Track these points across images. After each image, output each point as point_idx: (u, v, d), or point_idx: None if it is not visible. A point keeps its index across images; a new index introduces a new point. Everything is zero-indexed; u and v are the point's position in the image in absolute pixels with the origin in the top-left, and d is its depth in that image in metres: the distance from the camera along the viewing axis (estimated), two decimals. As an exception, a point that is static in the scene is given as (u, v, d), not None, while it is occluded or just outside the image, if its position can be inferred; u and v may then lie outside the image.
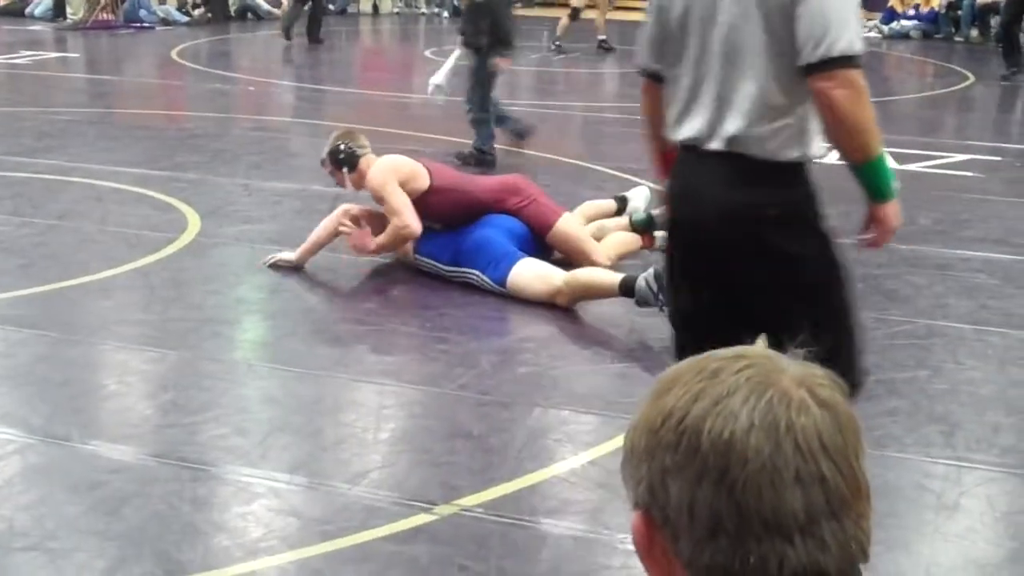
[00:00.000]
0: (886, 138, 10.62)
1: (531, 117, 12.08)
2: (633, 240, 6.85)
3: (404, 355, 5.62)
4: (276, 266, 6.55)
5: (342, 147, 6.61)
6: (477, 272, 6.33)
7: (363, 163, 6.59)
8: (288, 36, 17.41)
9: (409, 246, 6.57)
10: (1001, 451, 4.56)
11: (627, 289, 5.84)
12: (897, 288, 6.45)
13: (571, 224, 6.66)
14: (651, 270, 5.76)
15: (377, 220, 6.55)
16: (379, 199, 6.51)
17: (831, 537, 1.07)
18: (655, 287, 5.69)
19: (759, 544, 1.06)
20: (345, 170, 6.59)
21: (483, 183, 6.79)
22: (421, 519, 3.96)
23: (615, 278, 5.96)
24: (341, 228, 6.53)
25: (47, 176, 8.54)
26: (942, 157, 9.89)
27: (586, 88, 14.92)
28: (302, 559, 3.74)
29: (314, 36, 17.42)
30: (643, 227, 6.94)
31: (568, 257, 6.52)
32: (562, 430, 4.77)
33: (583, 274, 6.10)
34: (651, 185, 7.82)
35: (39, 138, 10.01)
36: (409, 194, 6.46)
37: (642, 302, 5.74)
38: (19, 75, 14.24)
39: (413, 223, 6.39)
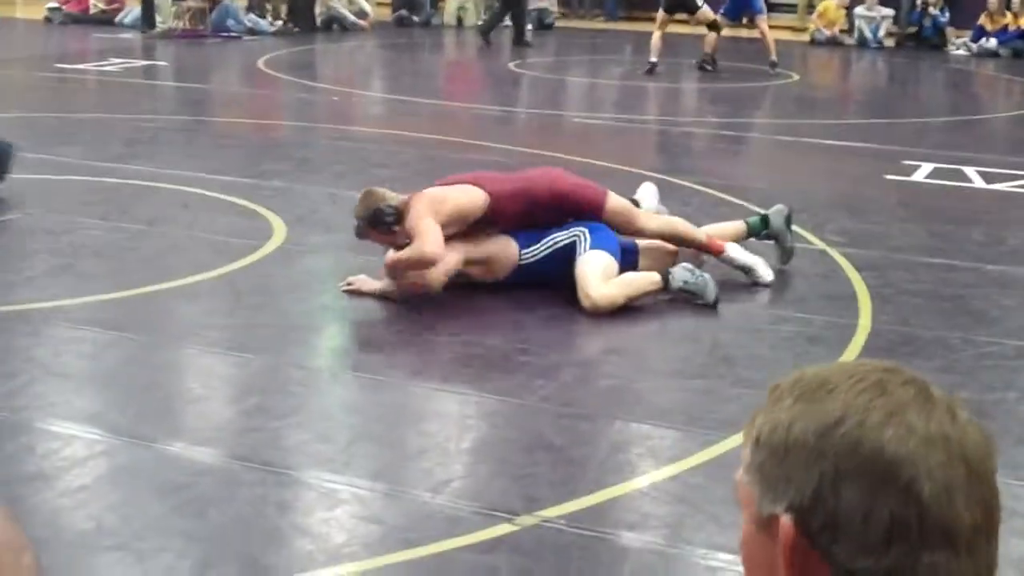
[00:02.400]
0: (975, 157, 10.53)
1: (608, 130, 12.08)
2: (687, 235, 6.73)
3: (486, 366, 5.63)
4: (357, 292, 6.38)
5: (385, 208, 6.26)
6: (584, 230, 6.36)
7: (404, 211, 6.33)
8: (488, 41, 18.52)
9: (508, 257, 6.46)
10: (1092, 476, 4.48)
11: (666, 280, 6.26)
12: (986, 309, 6.36)
13: (618, 197, 6.64)
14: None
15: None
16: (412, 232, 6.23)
17: (983, 557, 1.10)
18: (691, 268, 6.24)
19: (932, 554, 1.08)
20: (396, 228, 6.28)
21: (529, 176, 6.59)
22: (502, 529, 3.97)
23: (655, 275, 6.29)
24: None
25: (136, 182, 8.66)
26: (1032, 177, 9.75)
27: (666, 102, 14.88)
28: (384, 566, 3.75)
29: (518, 40, 18.75)
30: (757, 231, 6.85)
31: (620, 230, 6.49)
32: (644, 444, 4.75)
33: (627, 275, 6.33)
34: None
35: (129, 145, 10.16)
36: (472, 219, 6.34)
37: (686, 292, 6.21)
38: (109, 82, 14.47)
39: (437, 250, 6.15)
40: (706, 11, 15.48)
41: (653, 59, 15.43)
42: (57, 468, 4.34)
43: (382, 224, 6.27)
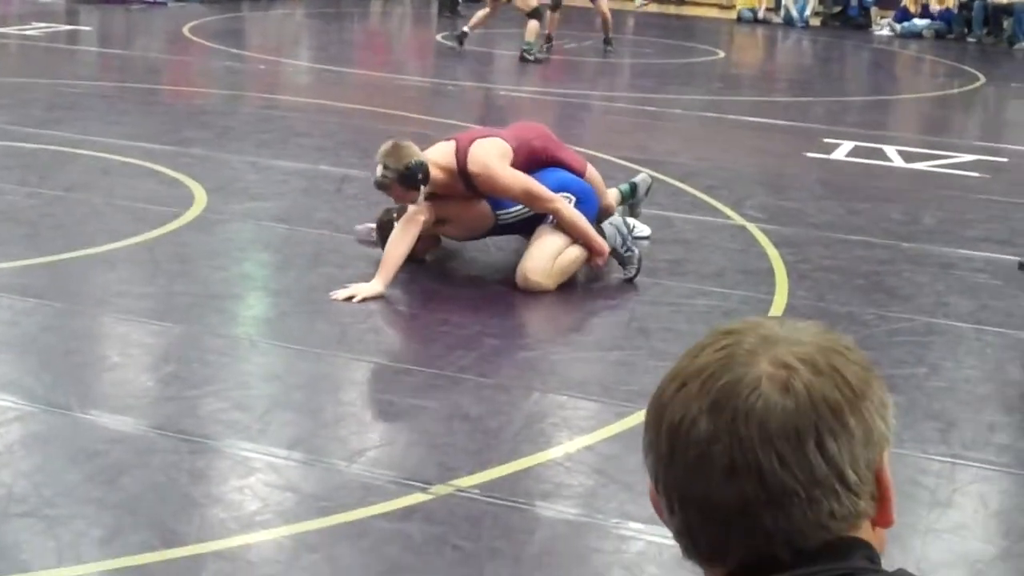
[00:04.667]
0: (895, 136, 10.68)
1: (533, 103, 12.10)
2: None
3: (405, 336, 5.65)
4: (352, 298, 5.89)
5: (412, 163, 5.89)
6: (571, 198, 6.26)
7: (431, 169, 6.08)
8: (452, 10, 18.94)
9: (484, 217, 6.35)
10: (997, 450, 4.59)
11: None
12: (899, 285, 6.47)
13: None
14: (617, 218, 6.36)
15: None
16: (498, 190, 6.12)
17: (773, 525, 1.06)
18: (624, 231, 6.30)
19: (702, 528, 1.09)
20: (422, 187, 5.98)
21: (522, 134, 6.50)
22: (417, 498, 3.99)
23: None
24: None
25: (55, 148, 8.56)
26: (949, 157, 9.90)
27: (592, 77, 14.92)
28: (298, 533, 3.77)
29: (452, 9, 19.16)
30: (628, 197, 7.01)
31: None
32: (559, 415, 4.80)
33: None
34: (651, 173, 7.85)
35: (49, 110, 10.03)
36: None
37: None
38: (31, 47, 14.25)
39: (551, 193, 6.15)
40: None
41: (466, 29, 14.95)
42: (-31, 434, 4.30)
43: (407, 180, 5.91)
